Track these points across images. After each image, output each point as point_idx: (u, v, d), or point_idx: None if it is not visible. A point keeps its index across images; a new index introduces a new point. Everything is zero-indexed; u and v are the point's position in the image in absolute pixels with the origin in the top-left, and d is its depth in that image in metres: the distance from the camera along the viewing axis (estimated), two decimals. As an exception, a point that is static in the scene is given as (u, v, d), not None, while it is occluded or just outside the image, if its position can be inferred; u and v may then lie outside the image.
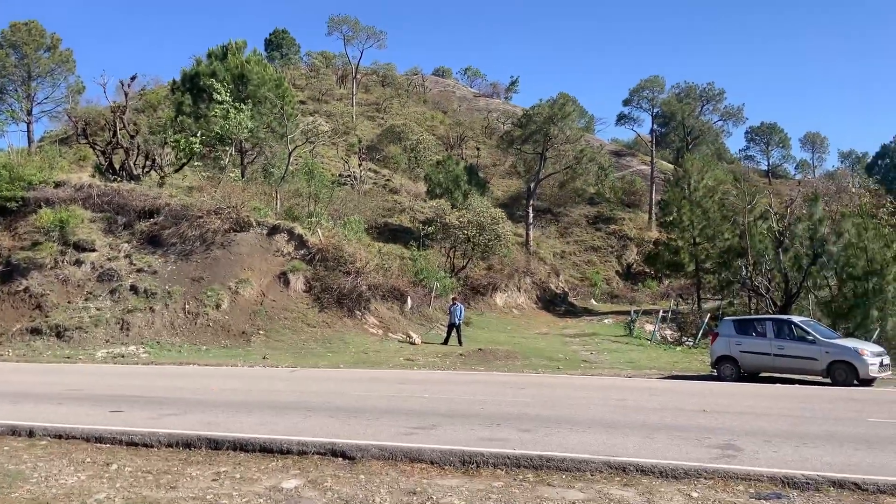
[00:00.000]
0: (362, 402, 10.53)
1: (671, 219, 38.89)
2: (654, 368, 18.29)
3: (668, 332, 30.83)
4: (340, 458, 7.37)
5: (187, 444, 7.96)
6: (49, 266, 23.50)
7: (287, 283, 23.38)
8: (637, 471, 6.65)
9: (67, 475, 6.91)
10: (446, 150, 59.81)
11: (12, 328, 21.30)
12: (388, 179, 51.35)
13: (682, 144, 71.83)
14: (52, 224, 24.18)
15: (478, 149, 66.64)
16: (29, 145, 43.64)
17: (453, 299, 23.90)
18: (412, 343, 21.21)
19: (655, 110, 71.92)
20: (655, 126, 75.79)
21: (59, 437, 8.35)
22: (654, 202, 57.92)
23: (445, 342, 21.66)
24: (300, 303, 22.80)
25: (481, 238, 30.97)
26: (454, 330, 21.63)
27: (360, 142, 53.40)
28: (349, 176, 46.68)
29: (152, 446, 7.97)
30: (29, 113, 47.44)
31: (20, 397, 11.30)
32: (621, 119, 72.92)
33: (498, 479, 6.62)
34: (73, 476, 6.87)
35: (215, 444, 7.88)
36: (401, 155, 54.77)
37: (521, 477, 6.67)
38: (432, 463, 7.14)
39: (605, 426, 8.90)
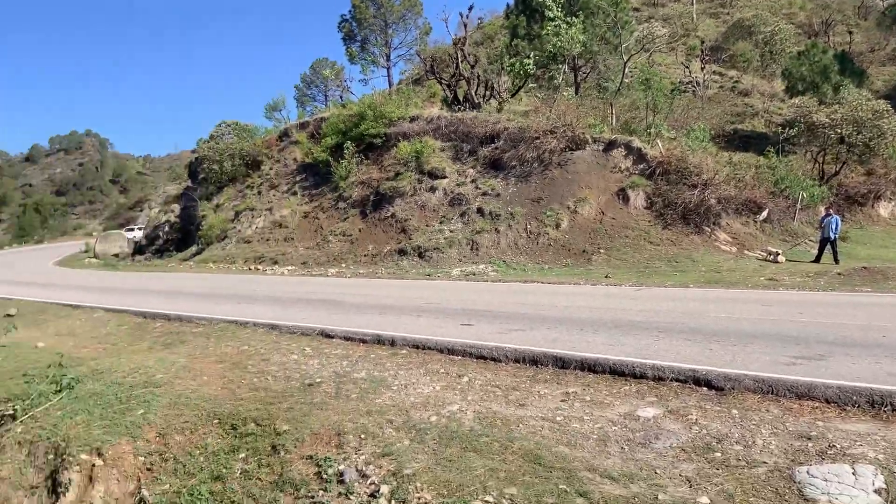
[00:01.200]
0: (722, 325, 9.21)
1: None
2: None
3: None
4: (705, 388, 6.37)
5: (534, 360, 7.72)
6: (409, 193, 25.99)
7: (626, 199, 22.32)
8: None
9: (424, 385, 7.12)
10: (808, 38, 51.19)
11: (383, 249, 24.16)
12: (735, 81, 45.90)
13: None
14: (409, 155, 26.62)
15: (850, 33, 55.72)
16: (389, 88, 48.88)
17: (827, 209, 20.33)
18: (774, 261, 18.58)
19: None
20: None
21: (416, 347, 8.82)
22: None
23: (817, 259, 18.55)
24: (641, 220, 21.60)
25: (859, 137, 25.65)
26: (828, 245, 18.38)
27: (702, 43, 48.32)
28: (690, 82, 42.82)
29: (500, 361, 7.91)
30: (388, 58, 52.77)
31: (387, 309, 12.47)
32: None
33: (927, 431, 4.98)
34: (428, 386, 7.06)
35: (562, 363, 7.49)
36: (751, 52, 48.33)
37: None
38: (828, 401, 5.72)
39: None
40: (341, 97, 46.33)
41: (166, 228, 39.51)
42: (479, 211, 23.66)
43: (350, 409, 6.55)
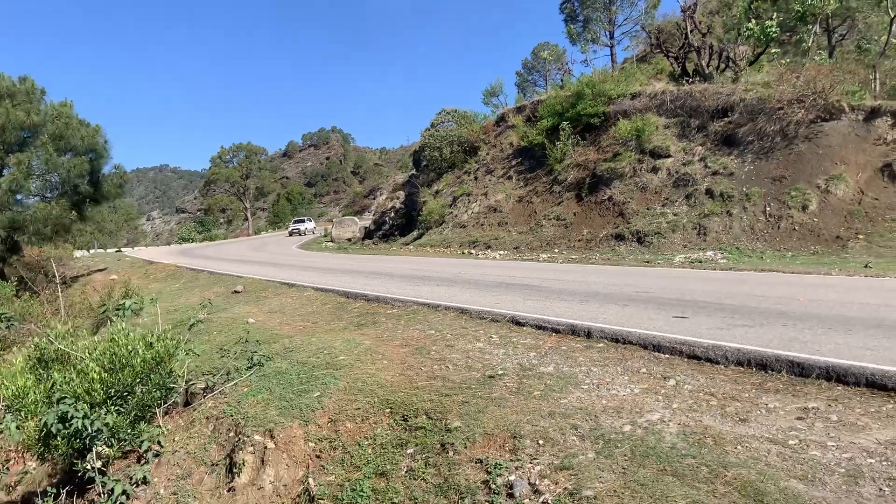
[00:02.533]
0: None
1: None
2: None
3: None
4: None
5: (762, 364, 6.18)
6: (628, 175, 24.26)
7: (893, 176, 18.58)
8: None
9: (620, 385, 6.02)
10: None
11: (599, 234, 22.78)
12: None
13: None
14: (629, 134, 24.85)
15: None
16: (612, 67, 46.60)
17: None
18: None
19: None
20: None
21: (616, 340, 7.64)
22: None
23: None
24: (915, 200, 17.86)
25: None
26: None
27: None
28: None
29: (718, 362, 6.47)
30: (611, 36, 50.37)
31: (591, 297, 11.27)
32: None
33: None
34: (625, 387, 5.95)
35: (801, 370, 5.88)
36: None
37: None
38: None
39: None
40: (561, 80, 45.21)
41: (392, 214, 41.49)
42: (708, 192, 21.27)
43: (531, 408, 5.69)
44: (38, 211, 22.84)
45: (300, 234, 59.66)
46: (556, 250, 22.91)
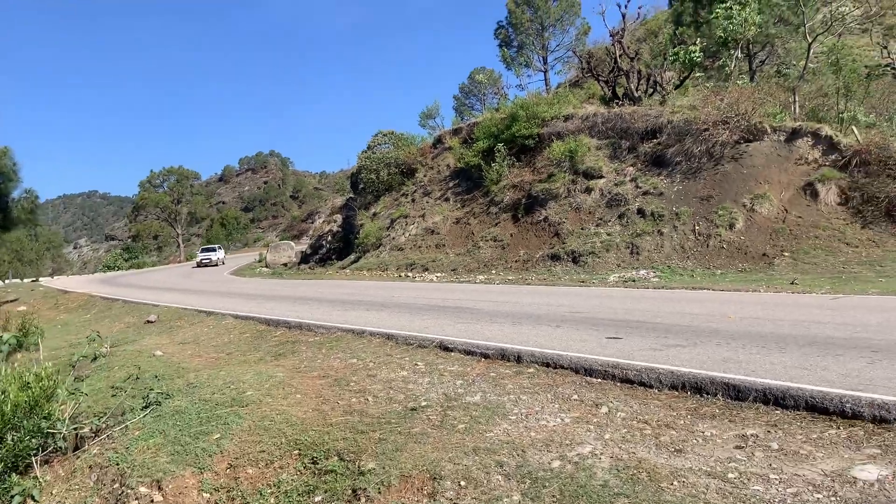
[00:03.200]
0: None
1: None
2: None
3: None
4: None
5: (697, 387, 6.02)
6: (563, 195, 24.48)
7: (815, 195, 19.26)
8: None
9: (550, 414, 5.76)
10: None
11: (536, 254, 22.83)
12: (947, 61, 39.47)
13: None
14: (562, 155, 25.13)
15: None
16: (546, 91, 47.43)
17: None
18: None
19: None
20: None
21: (547, 364, 7.41)
22: None
23: None
24: (834, 218, 18.50)
25: None
26: None
27: (902, 20, 42.25)
28: (889, 65, 37.37)
29: (651, 386, 6.29)
30: (545, 61, 51.38)
31: (523, 318, 11.10)
32: None
33: None
34: (556, 416, 5.69)
35: (736, 392, 5.74)
36: (967, 26, 41.41)
37: None
38: None
39: None
40: (497, 103, 45.67)
41: (329, 238, 40.84)
42: (640, 212, 21.61)
43: (454, 443, 5.34)
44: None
45: (210, 264, 53.66)
46: (494, 271, 22.83)
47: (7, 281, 47.19)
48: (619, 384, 6.51)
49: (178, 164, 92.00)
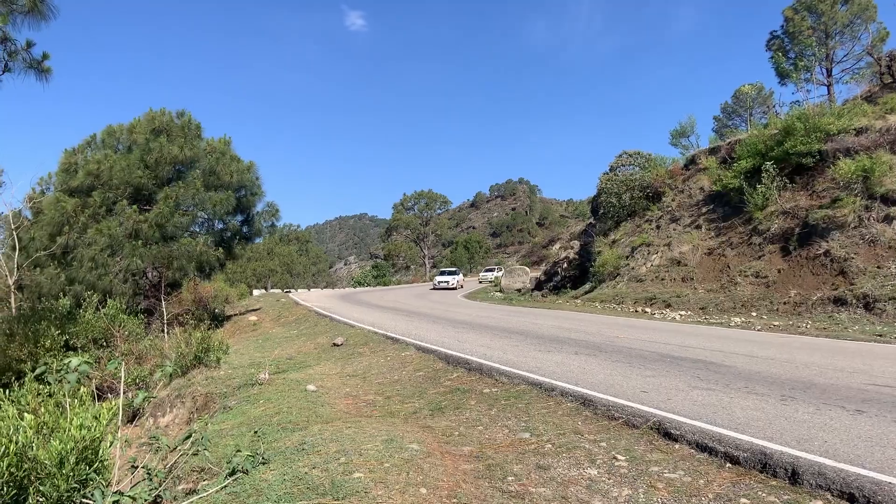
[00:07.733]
0: None
1: None
2: None
3: None
4: None
5: None
6: (852, 225, 19.48)
7: None
8: None
9: None
10: None
11: (812, 296, 18.22)
12: None
13: None
14: (852, 175, 20.10)
15: None
16: (830, 108, 40.46)
17: None
18: None
19: None
20: None
21: (846, 497, 4.23)
22: None
23: None
24: None
25: None
26: None
27: None
28: None
29: None
30: (828, 73, 44.28)
31: (801, 388, 7.63)
32: None
33: None
34: None
35: None
36: None
37: None
38: None
39: None
40: (766, 120, 39.86)
41: (564, 265, 38.48)
42: (969, 249, 16.10)
43: None
44: (181, 246, 22.70)
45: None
46: (754, 314, 18.65)
47: (268, 290, 51.93)
48: None
49: (438, 190, 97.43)
